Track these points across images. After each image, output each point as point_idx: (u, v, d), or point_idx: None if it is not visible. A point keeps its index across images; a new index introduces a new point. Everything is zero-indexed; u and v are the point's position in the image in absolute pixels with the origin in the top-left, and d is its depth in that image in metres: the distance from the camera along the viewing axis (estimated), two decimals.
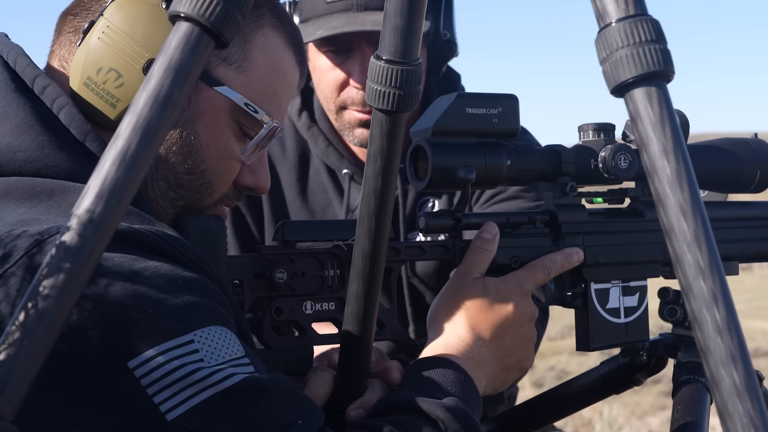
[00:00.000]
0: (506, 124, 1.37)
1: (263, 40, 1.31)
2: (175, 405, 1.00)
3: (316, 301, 1.38)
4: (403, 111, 1.08)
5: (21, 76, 1.25)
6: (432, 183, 1.34)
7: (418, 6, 1.02)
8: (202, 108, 1.27)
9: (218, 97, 1.27)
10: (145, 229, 1.11)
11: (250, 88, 1.29)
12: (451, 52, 2.24)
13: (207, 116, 1.27)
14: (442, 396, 1.22)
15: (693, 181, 0.78)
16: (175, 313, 1.04)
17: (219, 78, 1.27)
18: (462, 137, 1.36)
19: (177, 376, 1.01)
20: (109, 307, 1.01)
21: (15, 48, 1.28)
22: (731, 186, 1.63)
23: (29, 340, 0.74)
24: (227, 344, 1.07)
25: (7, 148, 1.17)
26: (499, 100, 1.38)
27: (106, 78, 1.22)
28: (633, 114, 0.81)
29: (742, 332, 0.75)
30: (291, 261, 1.36)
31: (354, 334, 1.24)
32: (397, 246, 1.42)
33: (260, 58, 1.31)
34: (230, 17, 0.83)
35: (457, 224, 1.41)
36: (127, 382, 1.00)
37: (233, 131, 1.30)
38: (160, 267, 1.07)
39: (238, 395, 1.04)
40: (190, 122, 1.26)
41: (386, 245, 1.18)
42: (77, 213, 0.78)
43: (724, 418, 0.74)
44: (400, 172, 1.37)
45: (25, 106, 1.20)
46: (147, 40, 1.22)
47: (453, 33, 2.23)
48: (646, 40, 0.81)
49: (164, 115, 0.80)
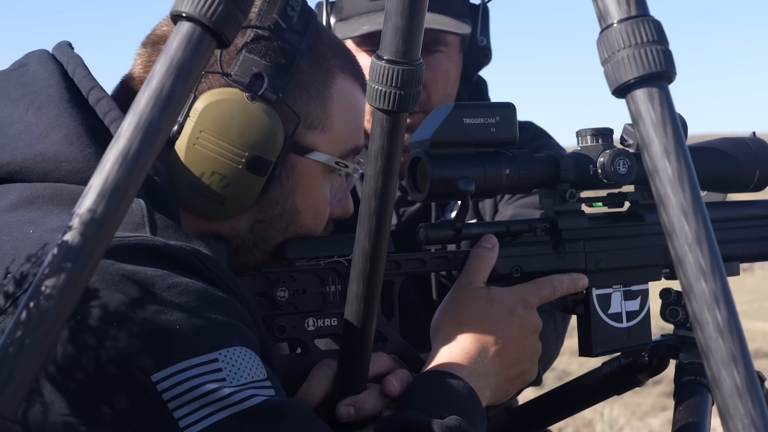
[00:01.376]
0: (504, 133, 1.37)
1: (338, 91, 1.33)
2: (194, 421, 1.01)
3: (318, 318, 1.38)
4: (404, 111, 1.08)
5: (78, 86, 1.25)
6: (431, 194, 1.34)
7: (420, 6, 1.02)
8: (299, 180, 1.30)
9: (311, 164, 1.31)
10: (181, 246, 1.12)
11: (336, 142, 1.32)
12: (487, 59, 2.19)
13: (304, 186, 1.31)
14: (446, 413, 1.22)
15: (694, 181, 0.78)
16: (201, 331, 1.05)
17: (308, 145, 1.30)
18: (460, 148, 1.36)
19: (198, 393, 1.02)
20: (138, 320, 1.03)
21: (75, 58, 1.29)
22: (731, 186, 1.63)
23: (30, 339, 0.74)
24: (250, 366, 1.07)
25: (54, 158, 1.18)
26: (496, 109, 1.37)
27: (210, 181, 1.25)
28: (634, 115, 0.81)
29: (743, 333, 0.75)
30: (292, 278, 1.36)
31: (354, 333, 1.23)
32: (397, 259, 1.41)
33: (338, 109, 1.33)
34: (232, 17, 0.83)
35: (457, 235, 1.41)
36: (149, 395, 1.01)
37: (326, 182, 1.34)
38: (191, 284, 1.08)
39: (257, 417, 1.04)
40: (290, 196, 1.30)
41: (386, 245, 1.18)
42: (79, 212, 0.78)
43: (725, 418, 0.74)
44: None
45: (77, 116, 1.20)
46: (243, 138, 1.24)
47: (489, 39, 2.18)
48: (647, 41, 0.81)
49: (166, 115, 0.80)
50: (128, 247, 1.08)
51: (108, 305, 1.02)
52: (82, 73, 1.26)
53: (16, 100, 1.24)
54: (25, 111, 1.22)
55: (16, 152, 1.18)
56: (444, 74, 2.11)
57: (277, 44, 1.25)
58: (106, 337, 1.01)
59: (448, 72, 2.12)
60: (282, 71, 1.25)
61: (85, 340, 1.01)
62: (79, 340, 1.01)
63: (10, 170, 1.18)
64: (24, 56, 1.31)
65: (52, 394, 1.02)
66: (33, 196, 1.15)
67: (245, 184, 1.25)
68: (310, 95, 1.29)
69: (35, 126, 1.20)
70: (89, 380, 1.01)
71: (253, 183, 1.25)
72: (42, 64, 1.27)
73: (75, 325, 1.01)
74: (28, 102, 1.23)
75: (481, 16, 2.17)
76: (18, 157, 1.18)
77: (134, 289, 1.04)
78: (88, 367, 1.00)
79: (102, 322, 1.02)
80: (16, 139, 1.20)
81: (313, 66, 1.29)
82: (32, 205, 1.14)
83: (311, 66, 1.29)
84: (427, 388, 1.28)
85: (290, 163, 1.29)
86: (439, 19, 2.06)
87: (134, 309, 1.03)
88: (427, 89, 2.06)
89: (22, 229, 1.10)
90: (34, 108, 1.22)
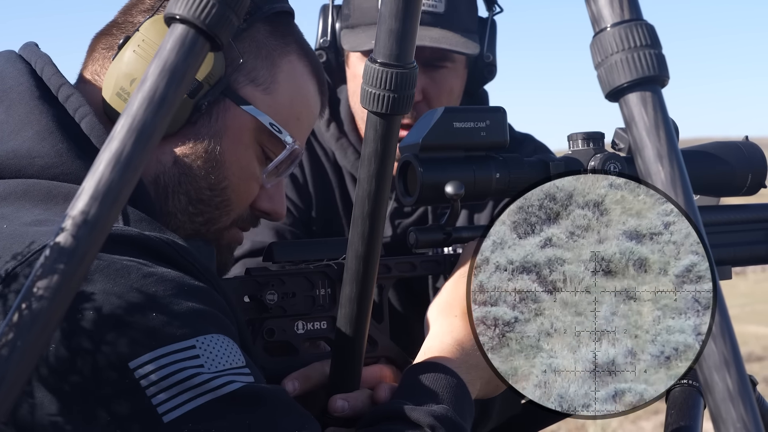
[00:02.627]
0: (494, 137, 1.37)
1: (290, 66, 1.34)
2: (173, 407, 1.01)
3: (307, 321, 1.38)
4: (398, 114, 1.08)
5: (47, 84, 1.26)
6: (421, 199, 1.34)
7: (414, 9, 1.02)
8: (229, 125, 1.30)
9: (244, 116, 1.30)
10: (156, 236, 1.13)
11: (275, 111, 1.32)
12: (491, 75, 2.19)
13: (232, 133, 1.30)
14: (433, 403, 1.22)
15: (687, 185, 0.78)
16: (178, 319, 1.06)
17: (246, 97, 1.30)
18: (450, 152, 1.36)
19: (176, 379, 1.02)
20: (115, 309, 1.03)
21: (43, 57, 1.30)
22: (723, 190, 1.63)
23: (22, 341, 0.74)
24: (228, 353, 1.08)
25: (27, 153, 1.19)
26: (486, 113, 1.38)
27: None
28: (627, 119, 0.81)
29: (735, 337, 0.75)
30: (281, 282, 1.36)
31: (347, 336, 1.24)
32: (387, 263, 1.42)
33: (286, 82, 1.34)
34: (225, 19, 0.83)
35: (447, 238, 1.41)
36: (126, 382, 1.01)
37: (256, 152, 1.33)
38: (167, 273, 1.09)
39: (236, 402, 1.04)
40: (216, 137, 1.29)
41: (379, 248, 1.18)
42: (72, 214, 0.78)
43: (717, 423, 0.74)
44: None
45: (48, 113, 1.22)
46: None
47: (495, 55, 2.18)
48: (641, 44, 0.81)
49: (159, 117, 0.80)
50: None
51: (84, 295, 1.03)
52: (50, 71, 1.27)
53: None
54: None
55: None
56: (448, 89, 2.11)
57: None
58: (81, 327, 1.01)
59: (452, 87, 2.12)
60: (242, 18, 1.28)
61: (63, 330, 1.01)
62: (57, 331, 1.01)
63: None
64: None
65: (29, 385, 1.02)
66: (5, 192, 1.16)
67: None
68: (260, 53, 1.32)
69: (6, 123, 1.22)
70: (65, 368, 1.01)
71: (182, 101, 1.24)
72: (10, 63, 1.29)
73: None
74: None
75: (489, 31, 2.17)
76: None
77: (110, 279, 1.04)
78: (64, 356, 1.01)
79: (78, 311, 1.02)
80: None
81: (271, 34, 1.33)
82: (5, 201, 1.15)
83: (270, 32, 1.33)
84: (417, 379, 1.28)
85: (224, 106, 1.29)
86: (449, 37, 2.04)
87: (111, 297, 1.03)
88: (430, 103, 2.06)
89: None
90: (5, 106, 1.23)
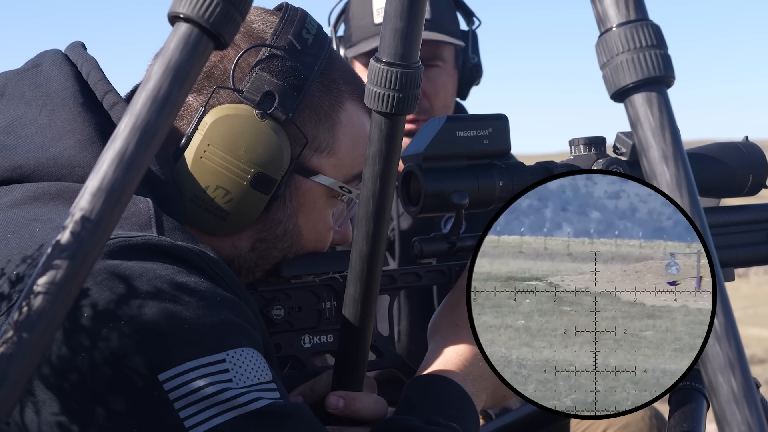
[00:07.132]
0: (497, 145, 1.37)
1: (346, 117, 1.33)
2: (199, 422, 1.02)
3: (314, 335, 1.38)
4: (402, 113, 1.08)
5: (92, 89, 1.25)
6: (425, 208, 1.34)
7: (419, 8, 1.02)
8: (302, 201, 1.31)
9: (316, 187, 1.31)
10: (188, 247, 1.13)
11: (340, 167, 1.33)
12: (479, 74, 2.41)
13: (307, 207, 1.32)
14: (439, 418, 1.22)
15: (693, 186, 0.78)
16: (210, 331, 1.06)
17: (314, 168, 1.31)
18: (453, 161, 1.36)
19: (204, 393, 1.03)
20: (147, 318, 1.03)
21: (90, 60, 1.28)
22: (724, 191, 1.63)
23: (25, 340, 0.74)
24: (257, 367, 1.08)
25: (67, 162, 1.18)
26: (489, 120, 1.37)
27: (214, 195, 1.25)
28: (633, 119, 0.80)
29: (740, 339, 0.75)
30: (287, 296, 1.36)
31: (351, 337, 1.24)
32: (392, 273, 1.42)
33: (346, 134, 1.33)
34: (230, 18, 0.82)
35: (451, 248, 1.41)
36: (155, 394, 1.01)
37: (329, 206, 1.35)
38: (199, 283, 1.09)
39: (261, 419, 1.05)
40: (293, 216, 1.31)
41: (384, 248, 1.18)
42: (74, 213, 0.77)
43: (722, 425, 0.74)
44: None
45: (90, 121, 1.21)
46: (250, 155, 1.24)
47: (479, 59, 2.41)
48: (646, 45, 0.81)
49: (162, 116, 0.80)
50: (135, 247, 1.08)
51: (119, 302, 1.03)
52: (96, 77, 1.26)
53: (29, 101, 1.23)
54: (38, 113, 1.22)
55: (28, 155, 1.18)
56: (443, 86, 2.32)
57: (290, 65, 1.26)
58: (113, 336, 1.02)
59: (446, 84, 2.33)
60: (293, 92, 1.26)
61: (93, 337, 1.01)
62: (75, 339, 1.01)
63: (23, 173, 1.18)
64: (37, 56, 1.30)
65: (44, 393, 1.02)
66: (38, 192, 1.15)
67: (249, 201, 1.25)
68: (319, 118, 1.30)
69: (48, 129, 1.20)
70: (94, 376, 1.01)
71: (257, 200, 1.25)
72: (56, 66, 1.27)
73: (88, 324, 1.02)
74: (41, 104, 1.22)
75: (471, 38, 2.42)
76: (31, 161, 1.18)
77: (142, 288, 1.04)
78: (95, 362, 1.01)
79: (111, 320, 1.02)
80: (29, 141, 1.20)
81: (323, 90, 1.30)
82: (37, 201, 1.14)
83: (322, 90, 1.30)
84: (422, 393, 1.27)
85: (295, 183, 1.30)
86: (437, 35, 2.29)
87: (143, 307, 1.03)
88: (429, 99, 2.24)
89: (28, 227, 1.10)
90: (48, 110, 1.22)
